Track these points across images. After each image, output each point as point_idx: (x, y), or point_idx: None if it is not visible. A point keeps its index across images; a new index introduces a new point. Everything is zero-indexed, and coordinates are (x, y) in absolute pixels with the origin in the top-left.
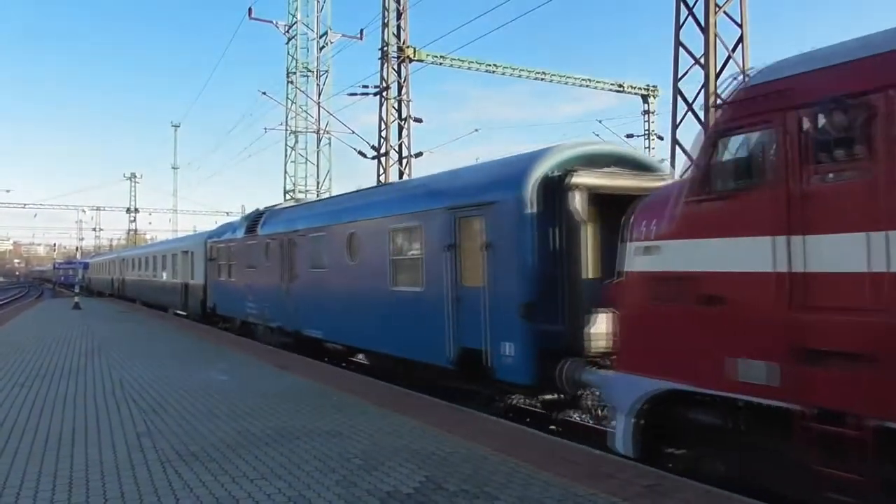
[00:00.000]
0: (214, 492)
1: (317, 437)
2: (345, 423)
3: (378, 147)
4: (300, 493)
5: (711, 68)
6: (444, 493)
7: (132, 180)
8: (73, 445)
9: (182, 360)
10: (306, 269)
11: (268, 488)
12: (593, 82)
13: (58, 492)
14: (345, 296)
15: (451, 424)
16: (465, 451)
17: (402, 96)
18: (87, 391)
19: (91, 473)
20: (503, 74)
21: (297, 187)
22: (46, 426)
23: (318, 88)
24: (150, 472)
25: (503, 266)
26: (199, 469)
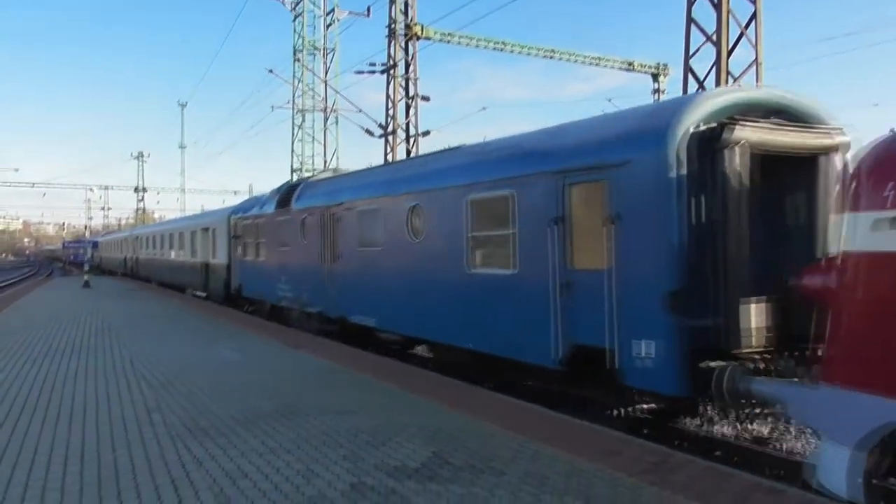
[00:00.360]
0: (224, 465)
1: (325, 414)
2: (353, 400)
3: (385, 125)
4: (308, 467)
5: (724, 46)
6: (450, 468)
7: (140, 159)
8: (85, 420)
9: (192, 337)
10: (353, 248)
11: (276, 462)
12: (603, 60)
13: (69, 464)
14: (405, 278)
15: (458, 400)
16: (472, 428)
17: (410, 74)
18: (98, 367)
19: (102, 447)
20: (512, 52)
21: (304, 166)
22: (58, 401)
23: (325, 66)
24: (161, 446)
25: (638, 244)
26: (208, 444)
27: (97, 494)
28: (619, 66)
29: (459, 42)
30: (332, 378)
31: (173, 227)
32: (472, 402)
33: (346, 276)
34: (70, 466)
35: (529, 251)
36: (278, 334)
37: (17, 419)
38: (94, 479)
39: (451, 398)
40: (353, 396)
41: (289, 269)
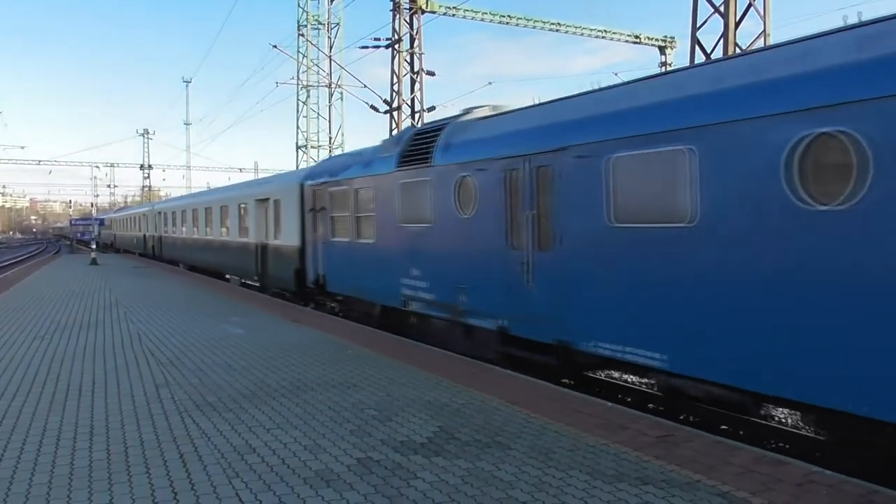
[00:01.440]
0: (231, 440)
1: (332, 389)
2: (359, 375)
3: (390, 101)
4: (315, 441)
5: (731, 17)
6: (456, 443)
7: (145, 136)
8: (93, 395)
9: (198, 313)
10: (602, 223)
11: (284, 437)
12: (609, 33)
13: (79, 439)
14: (787, 286)
15: (465, 377)
16: (478, 403)
17: (415, 49)
18: (106, 344)
19: (111, 422)
20: (517, 25)
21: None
22: (67, 377)
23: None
24: (169, 421)
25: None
26: (216, 419)
27: (107, 469)
28: (625, 38)
29: (465, 15)
30: (336, 354)
31: (211, 200)
32: (477, 377)
33: (582, 270)
34: (79, 443)
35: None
36: (278, 308)
37: (27, 396)
38: (104, 455)
39: (456, 373)
40: (357, 371)
41: (427, 254)
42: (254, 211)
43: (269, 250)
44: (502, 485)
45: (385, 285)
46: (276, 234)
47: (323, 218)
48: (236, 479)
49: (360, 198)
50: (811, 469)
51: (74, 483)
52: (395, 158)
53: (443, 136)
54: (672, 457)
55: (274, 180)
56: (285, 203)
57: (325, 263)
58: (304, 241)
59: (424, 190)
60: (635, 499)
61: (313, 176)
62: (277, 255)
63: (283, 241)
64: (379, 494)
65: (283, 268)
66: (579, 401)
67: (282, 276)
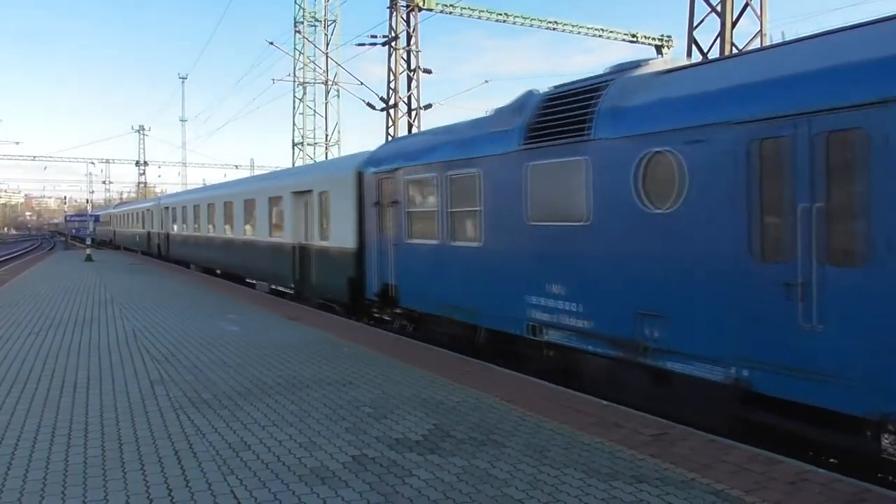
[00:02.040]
0: (226, 437)
1: (327, 386)
2: (355, 373)
3: (387, 99)
4: (310, 439)
5: (728, 17)
6: (452, 441)
7: (140, 133)
8: (88, 392)
9: (194, 310)
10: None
11: (279, 434)
12: (606, 32)
13: (74, 436)
14: None
15: (460, 375)
16: (473, 401)
17: (411, 46)
18: (101, 340)
19: (106, 419)
20: (514, 24)
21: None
22: (62, 374)
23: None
24: (164, 418)
25: None
26: (211, 416)
27: (101, 466)
28: (622, 37)
29: (462, 13)
30: (332, 351)
31: (231, 193)
32: (473, 375)
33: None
34: (74, 439)
35: None
36: (274, 306)
37: (21, 392)
38: (98, 452)
39: (451, 371)
40: (352, 369)
41: (579, 265)
42: (290, 206)
43: (311, 253)
44: (497, 483)
45: (498, 304)
46: (322, 234)
47: (395, 214)
48: (231, 476)
49: (455, 188)
50: (804, 468)
51: (69, 479)
52: (519, 133)
53: (607, 97)
54: (667, 455)
55: (317, 169)
56: (335, 196)
57: (398, 271)
58: (361, 243)
59: (574, 174)
60: (630, 497)
61: (378, 161)
62: (323, 260)
63: (332, 243)
64: (374, 492)
65: (331, 275)
66: (574, 399)
67: (330, 284)
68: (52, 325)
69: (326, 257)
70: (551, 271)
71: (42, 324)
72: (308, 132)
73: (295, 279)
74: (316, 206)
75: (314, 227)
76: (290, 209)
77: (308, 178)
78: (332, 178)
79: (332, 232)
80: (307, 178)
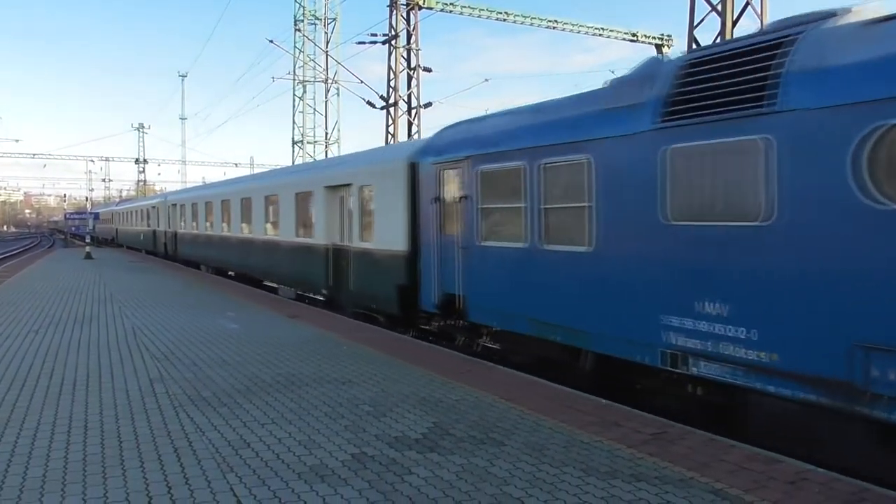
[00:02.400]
0: (226, 435)
1: (327, 384)
2: (354, 371)
3: (386, 97)
4: (310, 437)
5: (728, 16)
6: (451, 439)
7: (140, 131)
8: (88, 390)
9: (193, 308)
10: None
11: (278, 433)
12: (607, 31)
13: (73, 433)
14: None
15: (460, 373)
16: (472, 399)
17: (411, 45)
18: (101, 338)
19: (105, 417)
20: (514, 22)
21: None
22: (61, 372)
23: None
24: (164, 416)
25: None
26: (210, 414)
27: (101, 464)
28: (622, 36)
29: (462, 12)
30: (331, 350)
31: (248, 188)
32: (472, 373)
33: None
34: (73, 437)
35: None
36: (274, 304)
37: (21, 390)
38: (98, 450)
39: (451, 369)
40: (351, 367)
41: (750, 278)
42: (323, 202)
43: (348, 256)
44: (496, 481)
45: (616, 324)
46: (364, 234)
47: (463, 211)
48: (231, 474)
49: (551, 179)
50: (804, 467)
51: (69, 477)
52: (652, 109)
53: (797, 55)
54: (666, 454)
55: (357, 160)
56: (381, 190)
57: (467, 279)
58: (415, 245)
59: (744, 158)
60: (629, 495)
61: (439, 149)
62: (366, 263)
63: (376, 245)
64: (373, 490)
65: (376, 281)
66: (574, 398)
67: (373, 292)
68: (51, 322)
69: (369, 261)
70: (704, 285)
71: (41, 322)
72: (308, 130)
73: (328, 285)
74: (355, 203)
75: (353, 226)
76: (323, 206)
77: (346, 170)
78: (378, 169)
79: (376, 232)
80: (344, 171)
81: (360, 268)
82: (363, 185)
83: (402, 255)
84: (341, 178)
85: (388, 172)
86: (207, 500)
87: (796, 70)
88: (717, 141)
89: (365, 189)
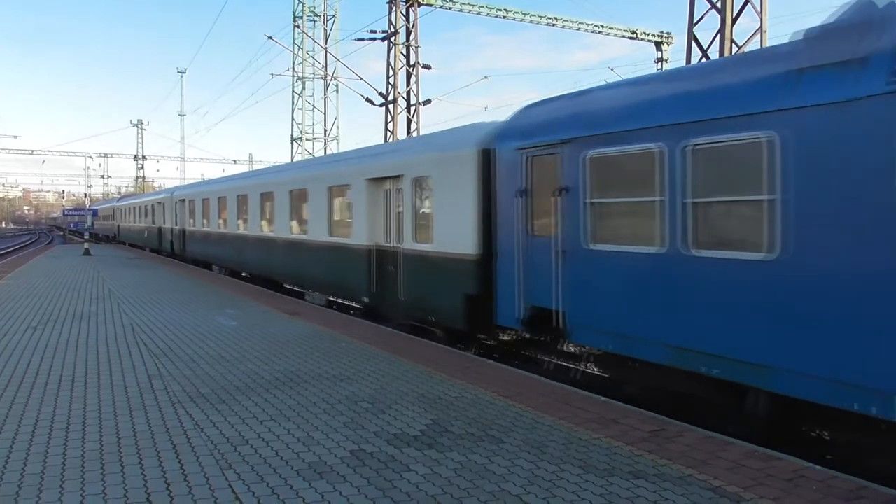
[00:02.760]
0: (225, 432)
1: (325, 381)
2: (353, 368)
3: (386, 94)
4: (308, 434)
5: (728, 13)
6: (450, 436)
7: (139, 127)
8: (86, 387)
9: (192, 305)
10: None
11: (277, 429)
12: (606, 28)
13: (72, 430)
14: None
15: (458, 370)
16: (471, 396)
17: (411, 42)
18: (99, 335)
19: (104, 413)
20: (514, 20)
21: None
22: (59, 368)
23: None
24: (162, 412)
25: None
26: (209, 410)
27: (99, 460)
28: (622, 34)
29: (461, 9)
30: (330, 346)
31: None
32: (471, 371)
33: None
34: (72, 433)
35: None
36: (273, 301)
37: (19, 386)
38: (97, 446)
39: (449, 367)
40: (350, 364)
41: None
42: (364, 196)
43: (397, 259)
44: (495, 478)
45: (822, 360)
46: (419, 234)
47: (564, 207)
48: (229, 471)
49: (704, 164)
50: (802, 464)
51: (67, 473)
52: (886, 65)
53: None
54: (664, 451)
55: (408, 147)
56: (442, 182)
57: (568, 291)
58: (489, 247)
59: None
60: (627, 493)
61: (525, 132)
62: (422, 269)
63: (436, 246)
64: (372, 486)
65: (436, 290)
66: (572, 395)
67: (433, 303)
68: (50, 319)
69: (426, 265)
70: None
71: (40, 318)
72: (307, 127)
73: (370, 291)
74: (408, 197)
75: (406, 224)
76: (365, 201)
77: (395, 159)
78: (438, 158)
79: (437, 231)
80: (393, 161)
81: (414, 273)
82: (419, 177)
83: (472, 260)
84: (389, 168)
85: (453, 161)
86: (206, 496)
87: None
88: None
89: (421, 181)
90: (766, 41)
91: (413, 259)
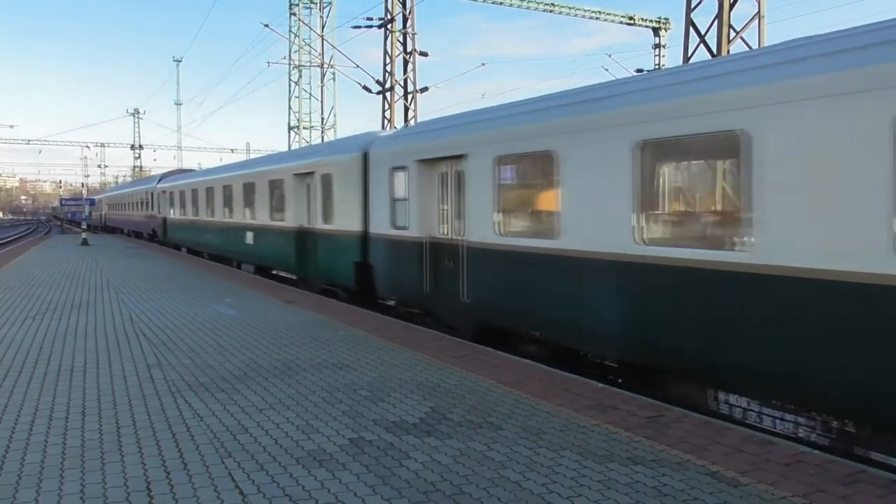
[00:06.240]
0: (224, 421)
1: (324, 370)
2: (352, 357)
3: (383, 82)
4: (308, 422)
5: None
6: (448, 423)
7: (135, 116)
8: (86, 376)
9: (191, 294)
10: None
11: (276, 418)
12: (604, 14)
13: (71, 420)
14: None
15: (457, 357)
16: (469, 384)
17: (407, 29)
18: (98, 324)
19: (104, 403)
20: (511, 6)
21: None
22: (59, 357)
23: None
24: (161, 401)
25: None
26: (208, 399)
27: (99, 450)
28: (620, 20)
29: None
30: (328, 334)
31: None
32: (469, 358)
33: None
34: (71, 422)
35: None
36: (274, 291)
37: (18, 375)
38: (96, 435)
39: (448, 354)
40: (349, 352)
41: None
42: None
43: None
44: (494, 464)
45: None
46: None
47: None
48: (229, 459)
49: None
50: (799, 449)
51: (67, 462)
52: None
53: None
54: (662, 437)
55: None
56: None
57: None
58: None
59: None
60: (626, 478)
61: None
62: (328, 244)
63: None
64: (371, 474)
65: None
66: (570, 381)
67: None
68: (48, 309)
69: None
70: None
71: (38, 308)
72: (304, 115)
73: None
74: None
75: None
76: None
77: (308, 160)
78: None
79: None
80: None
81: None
82: (325, 174)
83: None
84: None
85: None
86: (206, 485)
87: None
88: None
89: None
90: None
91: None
